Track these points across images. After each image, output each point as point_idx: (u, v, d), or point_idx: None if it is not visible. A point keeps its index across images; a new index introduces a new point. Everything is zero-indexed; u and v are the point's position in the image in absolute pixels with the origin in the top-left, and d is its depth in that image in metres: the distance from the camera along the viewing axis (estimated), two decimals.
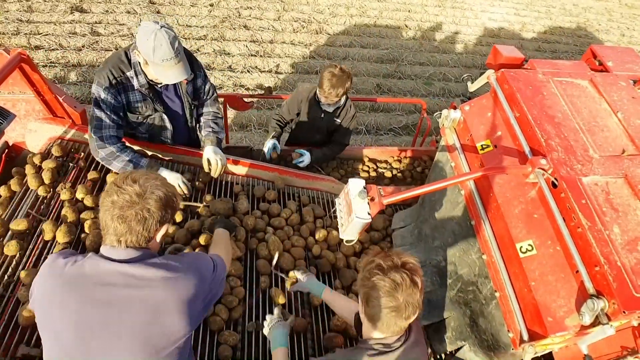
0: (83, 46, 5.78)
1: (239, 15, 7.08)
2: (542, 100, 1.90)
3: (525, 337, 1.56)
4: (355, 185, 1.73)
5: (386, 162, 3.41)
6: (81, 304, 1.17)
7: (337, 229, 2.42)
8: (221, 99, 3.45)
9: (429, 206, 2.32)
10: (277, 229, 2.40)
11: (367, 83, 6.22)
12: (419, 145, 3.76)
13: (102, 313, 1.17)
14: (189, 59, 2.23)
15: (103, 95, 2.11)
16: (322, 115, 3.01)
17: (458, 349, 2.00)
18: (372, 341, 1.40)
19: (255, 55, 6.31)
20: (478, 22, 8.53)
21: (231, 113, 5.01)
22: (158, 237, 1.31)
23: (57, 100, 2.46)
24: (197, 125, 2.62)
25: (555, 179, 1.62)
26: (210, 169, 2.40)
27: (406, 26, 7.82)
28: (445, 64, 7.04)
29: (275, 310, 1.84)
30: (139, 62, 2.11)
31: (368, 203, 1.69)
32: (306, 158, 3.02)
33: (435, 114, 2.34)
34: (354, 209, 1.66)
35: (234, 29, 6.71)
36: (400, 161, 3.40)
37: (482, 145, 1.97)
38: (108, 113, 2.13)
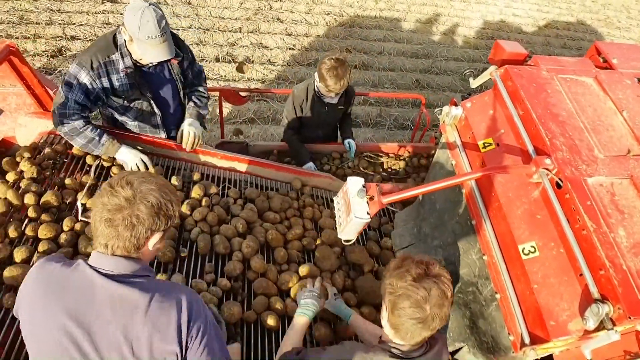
0: None
1: (270, 7, 7.11)
2: (546, 98, 1.85)
3: (527, 340, 1.52)
4: (354, 183, 1.68)
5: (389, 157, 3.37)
6: (65, 317, 1.12)
7: (223, 208, 2.35)
8: (216, 93, 3.39)
9: (429, 205, 2.27)
10: None
11: (405, 78, 6.26)
12: (417, 141, 3.72)
13: (83, 331, 1.12)
14: (176, 42, 2.21)
15: (80, 75, 2.07)
16: (327, 109, 2.96)
17: (457, 351, 1.97)
18: (391, 344, 1.37)
19: (293, 49, 6.35)
20: (503, 17, 8.57)
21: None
22: (150, 245, 1.24)
23: (48, 94, 2.40)
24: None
25: (560, 179, 1.58)
26: (182, 142, 2.41)
27: (435, 21, 7.86)
28: (478, 60, 7.06)
29: (317, 283, 1.93)
30: (125, 41, 2.07)
31: (367, 202, 1.64)
32: (352, 145, 3.11)
33: (435, 110, 2.29)
34: (353, 208, 1.62)
35: (267, 21, 6.75)
36: (398, 157, 3.35)
37: (484, 144, 1.92)
38: (78, 93, 2.09)
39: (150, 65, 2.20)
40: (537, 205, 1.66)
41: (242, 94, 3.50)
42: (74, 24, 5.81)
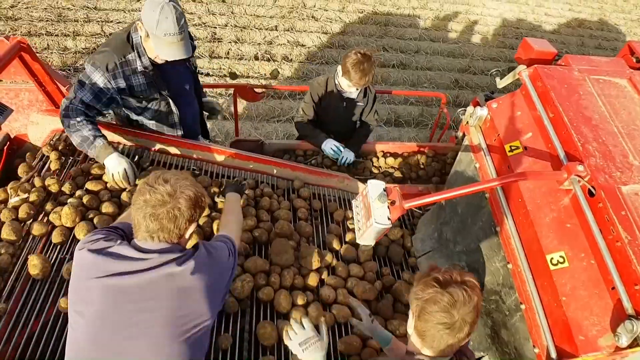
0: None
1: (304, 5, 7.16)
2: (578, 100, 1.77)
3: (553, 354, 1.46)
4: (374, 187, 1.62)
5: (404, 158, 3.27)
6: (109, 285, 1.22)
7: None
8: (231, 90, 3.36)
9: (450, 208, 2.21)
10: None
11: (444, 77, 6.21)
12: (436, 141, 3.64)
13: (128, 297, 1.22)
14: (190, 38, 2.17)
15: (94, 76, 2.04)
16: (345, 104, 2.89)
17: None
18: (419, 356, 1.32)
19: (331, 47, 6.38)
20: (536, 17, 8.43)
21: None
22: (187, 234, 1.36)
23: (60, 91, 2.37)
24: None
25: (593, 187, 1.50)
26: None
27: (468, 20, 7.79)
28: (514, 60, 6.86)
29: (307, 323, 1.52)
30: (141, 38, 2.03)
31: (388, 207, 1.59)
32: (346, 153, 2.86)
33: (459, 111, 2.22)
34: (374, 213, 1.56)
35: (302, 19, 6.79)
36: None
37: (510, 147, 1.85)
38: (87, 93, 2.05)
39: (166, 62, 2.15)
40: (567, 213, 1.58)
41: (257, 90, 3.46)
42: (111, 21, 5.89)
